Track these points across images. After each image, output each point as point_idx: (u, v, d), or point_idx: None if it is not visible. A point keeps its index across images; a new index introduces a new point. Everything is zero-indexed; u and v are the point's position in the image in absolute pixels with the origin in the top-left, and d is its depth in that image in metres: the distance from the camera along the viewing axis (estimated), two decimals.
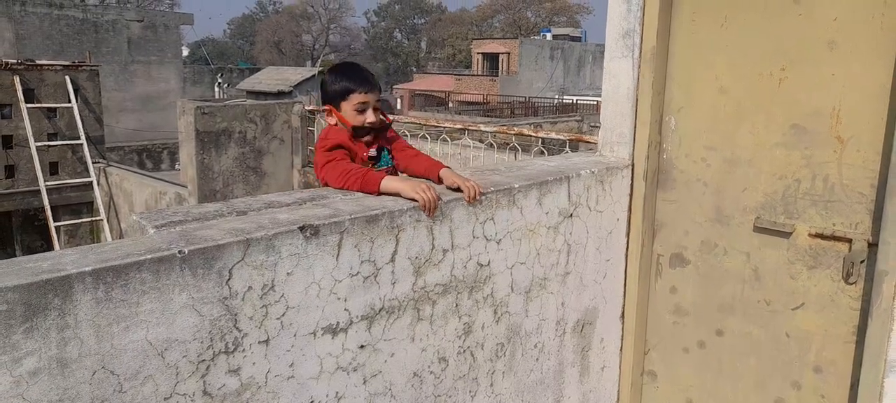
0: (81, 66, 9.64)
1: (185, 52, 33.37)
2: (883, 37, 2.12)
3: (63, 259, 1.26)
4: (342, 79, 2.10)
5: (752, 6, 2.37)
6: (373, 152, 2.11)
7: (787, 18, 2.30)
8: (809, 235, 2.31)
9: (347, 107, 2.07)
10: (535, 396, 2.35)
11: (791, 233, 2.35)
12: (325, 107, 2.15)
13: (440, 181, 2.05)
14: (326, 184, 1.98)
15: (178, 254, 1.33)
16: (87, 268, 1.22)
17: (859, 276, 2.22)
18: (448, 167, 2.11)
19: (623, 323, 2.71)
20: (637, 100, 2.60)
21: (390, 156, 2.18)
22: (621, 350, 2.73)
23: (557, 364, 2.43)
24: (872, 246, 2.17)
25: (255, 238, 1.44)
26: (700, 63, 2.52)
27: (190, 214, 1.56)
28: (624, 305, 2.70)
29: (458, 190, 1.97)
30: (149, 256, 1.29)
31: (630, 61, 2.61)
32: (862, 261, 2.21)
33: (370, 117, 2.07)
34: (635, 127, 2.62)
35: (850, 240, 2.23)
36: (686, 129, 2.58)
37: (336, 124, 2.10)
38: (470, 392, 2.07)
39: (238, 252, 1.41)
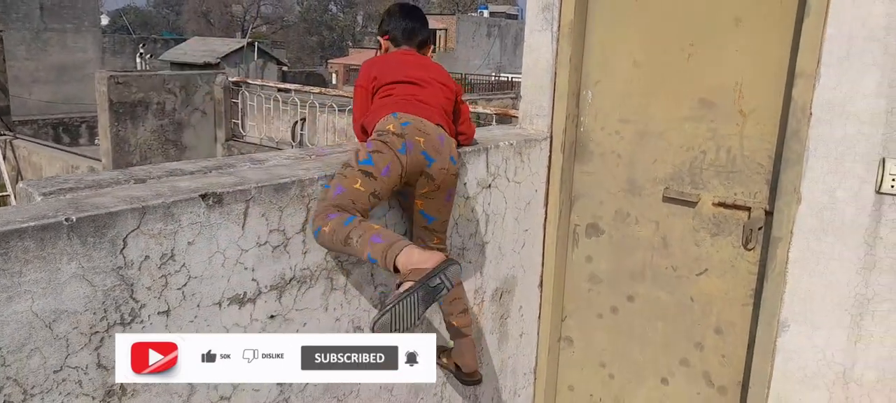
0: None
1: (105, 21, 31.54)
2: (783, 13, 2.22)
3: None
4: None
5: None
6: None
7: None
8: (713, 204, 2.43)
9: None
10: None
11: (696, 203, 2.46)
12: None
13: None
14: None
15: (65, 222, 1.26)
16: None
17: (757, 242, 2.35)
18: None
19: (541, 291, 2.78)
20: (556, 73, 2.65)
21: None
22: (539, 317, 2.80)
23: (476, 332, 2.47)
24: (769, 214, 2.30)
25: (151, 205, 1.38)
26: (616, 38, 2.58)
27: (83, 182, 1.49)
28: (542, 274, 2.76)
29: None
30: (32, 224, 1.22)
31: (549, 35, 2.65)
32: (759, 228, 2.34)
33: None
34: (554, 100, 2.66)
35: (749, 209, 2.35)
36: (602, 103, 2.64)
37: None
38: None
39: (133, 220, 1.36)
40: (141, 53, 20.25)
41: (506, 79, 29.42)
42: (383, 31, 2.17)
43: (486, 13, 40.99)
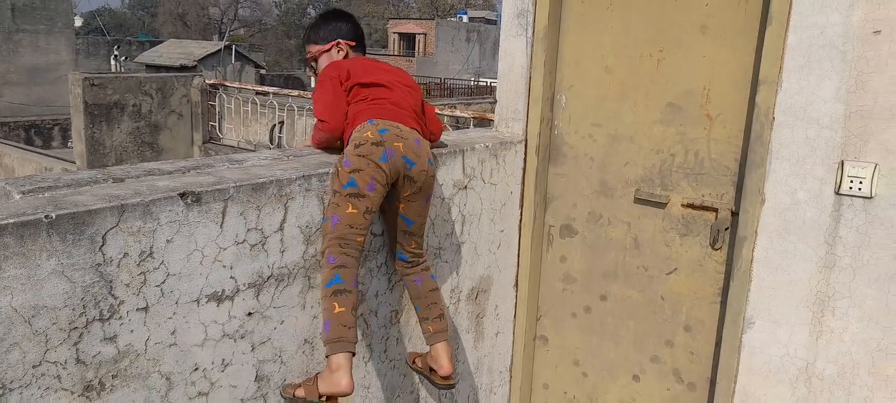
0: None
1: (79, 22, 31.12)
2: (747, 21, 2.31)
3: None
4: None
5: None
6: None
7: (666, 3, 2.46)
8: (682, 205, 2.50)
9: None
10: None
11: (666, 204, 2.53)
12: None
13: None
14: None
15: (44, 219, 1.28)
16: None
17: (723, 242, 2.43)
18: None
19: (516, 291, 2.83)
20: (530, 78, 2.71)
21: None
22: (515, 316, 2.86)
23: (452, 331, 2.51)
24: (735, 214, 2.38)
25: (130, 204, 1.40)
26: (588, 43, 2.65)
27: (61, 181, 1.50)
28: (517, 274, 2.82)
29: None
30: (11, 221, 1.24)
31: (524, 40, 2.71)
32: (726, 229, 2.42)
33: None
34: (528, 104, 2.72)
35: (716, 210, 2.43)
36: (575, 107, 2.71)
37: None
38: (363, 358, 2.11)
39: (112, 218, 1.38)
40: (116, 55, 20.01)
41: (485, 83, 29.55)
42: (341, 35, 2.19)
43: (465, 18, 41.17)
